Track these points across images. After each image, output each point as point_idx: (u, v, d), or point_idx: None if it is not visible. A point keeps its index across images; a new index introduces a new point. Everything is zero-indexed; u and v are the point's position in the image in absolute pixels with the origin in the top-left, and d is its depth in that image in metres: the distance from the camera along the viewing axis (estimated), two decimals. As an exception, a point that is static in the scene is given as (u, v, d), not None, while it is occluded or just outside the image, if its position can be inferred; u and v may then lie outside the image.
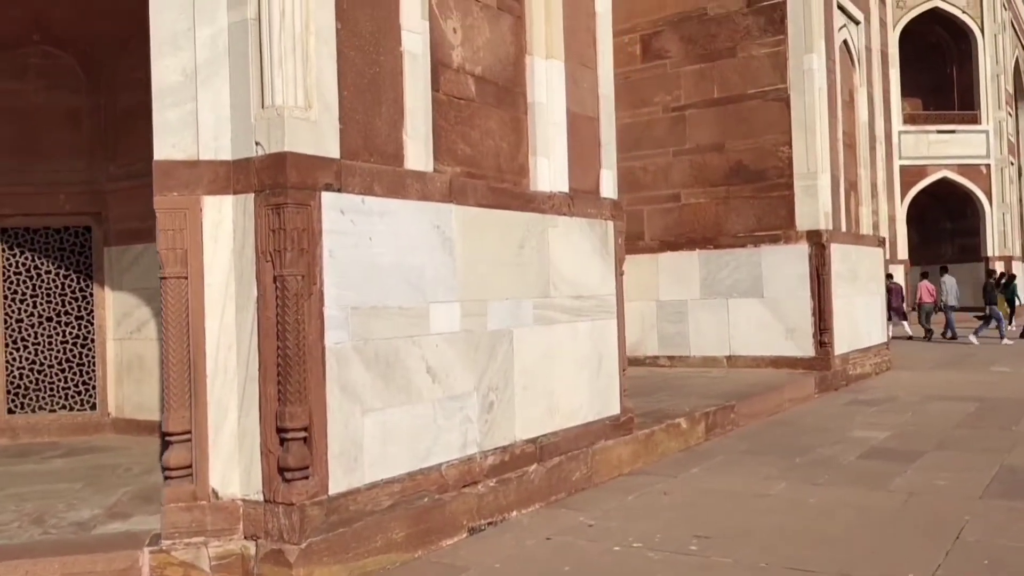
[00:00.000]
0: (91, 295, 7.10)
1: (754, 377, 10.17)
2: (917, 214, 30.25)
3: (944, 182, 28.82)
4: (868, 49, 12.84)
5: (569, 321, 5.71)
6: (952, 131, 28.83)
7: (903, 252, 28.05)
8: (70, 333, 7.09)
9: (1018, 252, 31.92)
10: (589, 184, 6.04)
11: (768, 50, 11.01)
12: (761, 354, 11.06)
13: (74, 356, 7.10)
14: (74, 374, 7.10)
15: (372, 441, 4.12)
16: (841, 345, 11.08)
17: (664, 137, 11.82)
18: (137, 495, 4.75)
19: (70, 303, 7.10)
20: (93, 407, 7.09)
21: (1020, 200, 35.96)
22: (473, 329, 4.82)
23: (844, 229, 11.57)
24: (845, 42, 12.06)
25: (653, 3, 11.86)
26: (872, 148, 12.91)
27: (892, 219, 27.58)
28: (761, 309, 11.05)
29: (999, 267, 28.99)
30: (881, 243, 13.05)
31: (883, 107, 27.07)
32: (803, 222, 10.79)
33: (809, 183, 10.75)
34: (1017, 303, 20.58)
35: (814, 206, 10.73)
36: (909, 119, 28.83)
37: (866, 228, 12.49)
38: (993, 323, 17.73)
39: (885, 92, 27.40)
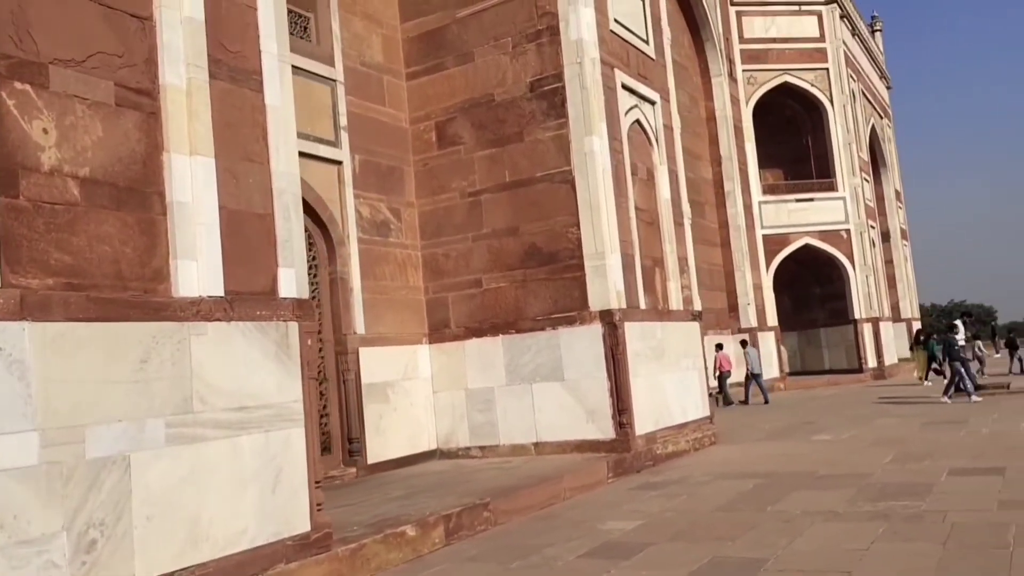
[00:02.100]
0: None
1: (552, 465, 9.81)
2: (788, 281, 30.99)
3: (808, 249, 29.60)
4: (668, 127, 12.99)
5: (227, 436, 5.23)
6: (810, 199, 29.79)
7: (772, 319, 28.49)
8: None
9: (887, 313, 32.86)
10: (260, 285, 5.66)
11: (552, 133, 11.01)
12: (566, 439, 10.75)
13: None
14: None
15: None
16: (645, 425, 10.85)
17: (463, 223, 11.64)
18: None
19: None
20: None
21: (888, 262, 37.39)
22: (62, 460, 4.30)
23: (645, 306, 11.47)
24: (639, 122, 12.19)
25: (445, 90, 11.82)
26: (679, 224, 12.96)
27: (759, 287, 28.10)
28: (563, 393, 10.78)
29: (866, 328, 29.80)
30: (696, 317, 13.00)
31: (740, 180, 27.89)
32: (596, 302, 10.64)
33: (598, 263, 10.64)
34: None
35: (605, 286, 10.60)
36: (768, 190, 29.71)
37: (676, 303, 12.43)
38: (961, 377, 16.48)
39: (742, 165, 28.27)
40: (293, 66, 10.03)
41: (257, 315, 5.53)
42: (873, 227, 32.62)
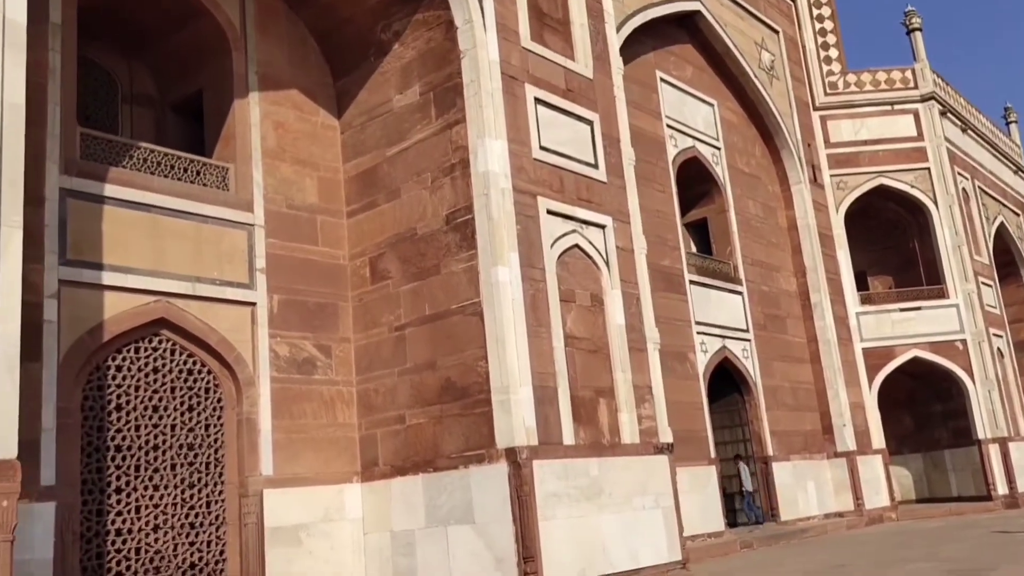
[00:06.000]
0: None
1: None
2: (907, 397, 28.39)
3: (919, 362, 26.99)
4: (625, 249, 12.37)
5: None
6: (917, 307, 27.38)
7: (878, 441, 25.76)
8: None
9: (1023, 431, 29.12)
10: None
11: (464, 265, 10.81)
12: (477, 590, 10.03)
13: None
14: None
15: None
16: (566, 573, 9.95)
17: (390, 357, 11.50)
18: None
19: None
20: None
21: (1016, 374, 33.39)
22: None
23: (577, 441, 10.70)
24: (579, 247, 11.72)
25: (377, 226, 11.96)
26: (639, 350, 12.12)
27: (858, 406, 25.72)
28: (473, 537, 10.15)
29: (993, 450, 26.40)
30: (663, 449, 11.96)
31: (830, 290, 26.01)
32: (502, 439, 10.08)
33: (503, 398, 10.12)
34: None
35: (510, 421, 10.04)
36: (867, 300, 27.58)
37: (630, 436, 11.52)
38: None
39: (832, 274, 26.47)
40: (202, 215, 10.53)
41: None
42: (999, 336, 29.33)
